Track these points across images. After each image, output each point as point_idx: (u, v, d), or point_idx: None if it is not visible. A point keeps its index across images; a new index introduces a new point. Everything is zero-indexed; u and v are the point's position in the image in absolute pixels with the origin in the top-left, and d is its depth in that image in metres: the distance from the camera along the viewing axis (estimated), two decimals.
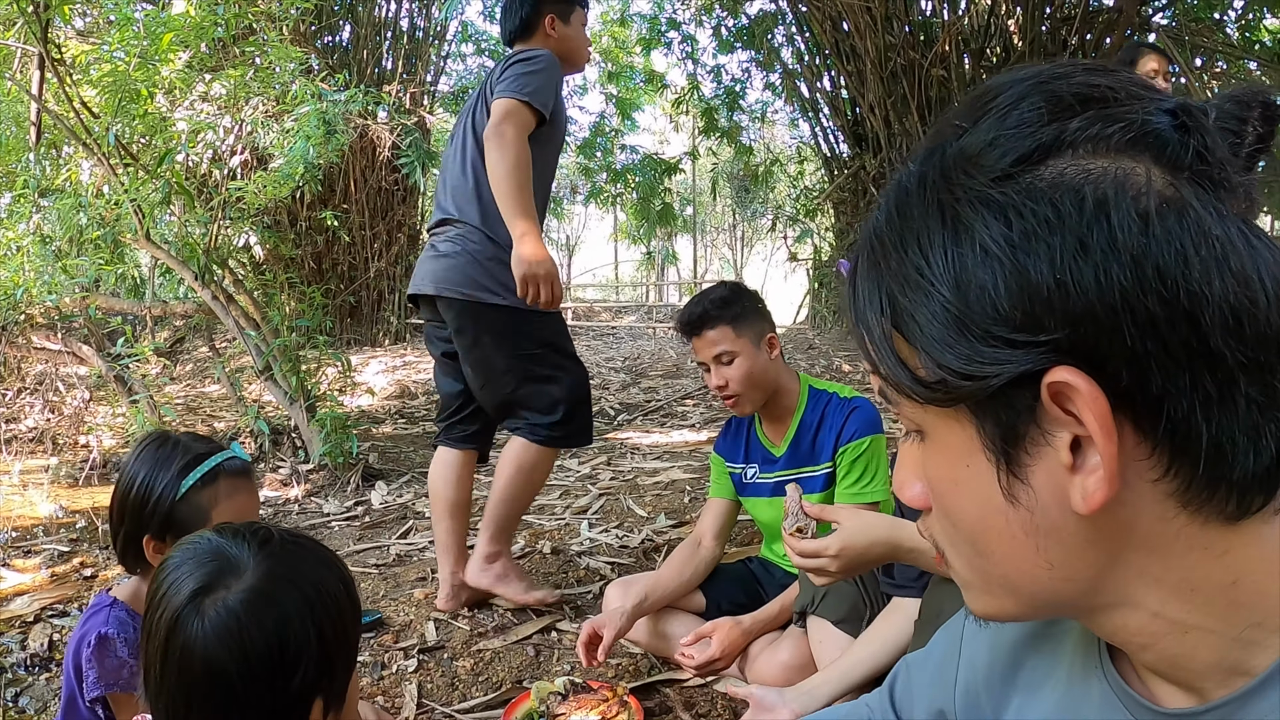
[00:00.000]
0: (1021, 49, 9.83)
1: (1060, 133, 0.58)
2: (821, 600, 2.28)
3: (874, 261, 0.64)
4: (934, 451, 0.67)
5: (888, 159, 11.08)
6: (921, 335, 0.60)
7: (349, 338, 15.63)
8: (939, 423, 0.65)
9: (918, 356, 0.62)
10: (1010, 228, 0.56)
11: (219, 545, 1.20)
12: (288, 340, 6.45)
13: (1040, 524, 0.61)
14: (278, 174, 6.75)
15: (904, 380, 0.63)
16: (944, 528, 0.70)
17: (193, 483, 1.72)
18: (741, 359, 2.61)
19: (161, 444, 1.79)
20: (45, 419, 7.90)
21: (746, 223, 33.57)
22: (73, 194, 6.05)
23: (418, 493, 5.70)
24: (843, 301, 1.88)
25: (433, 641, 3.11)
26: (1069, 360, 0.55)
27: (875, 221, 0.66)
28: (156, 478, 1.72)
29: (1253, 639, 0.60)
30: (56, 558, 4.57)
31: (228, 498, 1.76)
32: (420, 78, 15.56)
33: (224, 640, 1.11)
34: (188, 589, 1.14)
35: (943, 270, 0.59)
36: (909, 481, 0.72)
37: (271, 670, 1.12)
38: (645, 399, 9.61)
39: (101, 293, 7.34)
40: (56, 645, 3.31)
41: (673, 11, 17.55)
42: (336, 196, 14.77)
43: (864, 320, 0.66)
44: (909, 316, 0.61)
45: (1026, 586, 0.65)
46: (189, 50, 6.39)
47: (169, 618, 1.13)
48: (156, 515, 1.71)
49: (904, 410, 0.67)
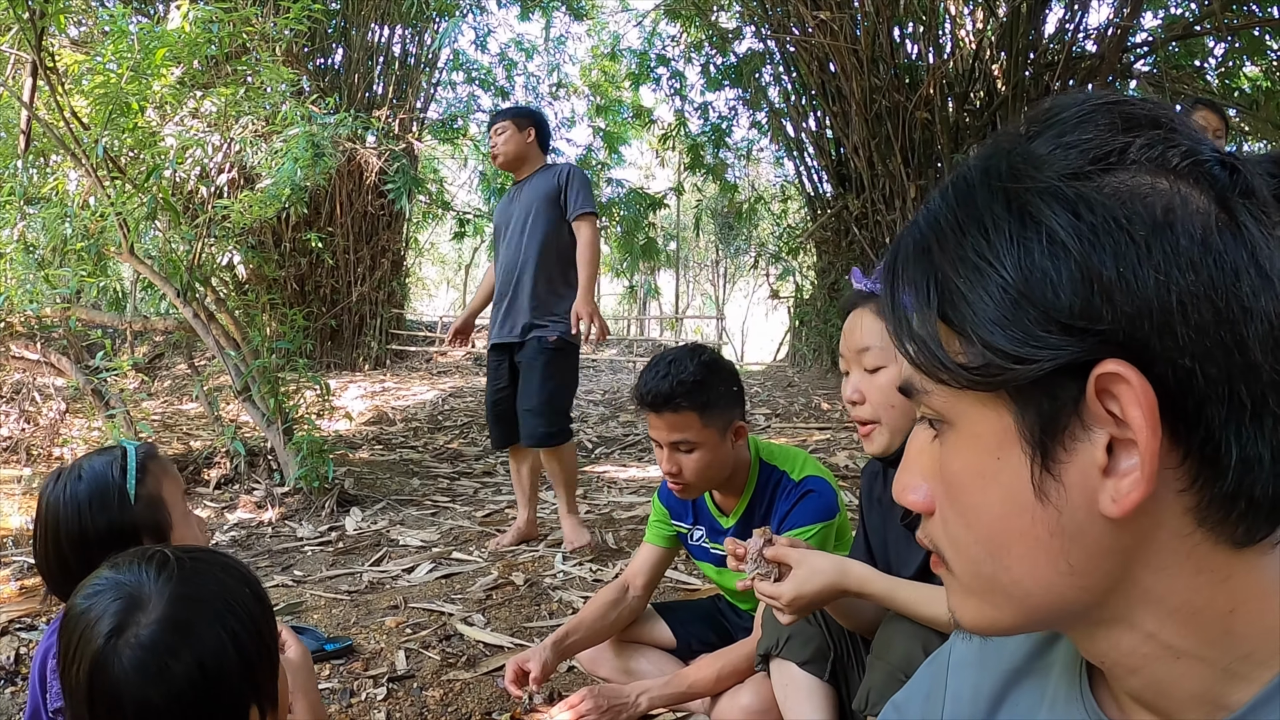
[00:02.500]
0: (1005, 93, 9.98)
1: (1127, 146, 0.59)
2: (786, 643, 2.24)
3: (923, 249, 0.64)
4: (960, 443, 0.65)
5: (870, 199, 11.19)
6: (973, 316, 0.60)
7: (329, 361, 15.58)
8: (972, 411, 0.63)
9: (961, 341, 0.61)
10: (1080, 220, 0.57)
11: (119, 581, 1.18)
12: (267, 361, 6.43)
13: (1066, 525, 0.60)
14: (264, 194, 6.75)
15: (944, 363, 0.62)
16: (955, 528, 0.67)
17: (134, 481, 1.69)
18: (702, 451, 2.38)
19: (69, 473, 1.72)
20: (20, 429, 7.82)
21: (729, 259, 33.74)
22: (59, 204, 6.03)
23: (392, 520, 5.67)
24: (848, 303, 1.89)
25: (403, 670, 3.08)
26: (1120, 355, 0.56)
27: (928, 213, 0.66)
28: (105, 504, 1.67)
29: (1238, 671, 0.61)
30: (26, 570, 4.52)
31: (164, 474, 1.75)
32: (410, 104, 15.63)
33: (147, 677, 1.10)
34: (101, 632, 1.13)
35: (1005, 252, 0.59)
36: (914, 484, 0.71)
37: (199, 693, 1.12)
38: (624, 433, 9.60)
39: (83, 304, 7.30)
40: (23, 659, 3.27)
41: (662, 48, 17.72)
42: (322, 219, 14.78)
43: (903, 307, 0.65)
44: (960, 298, 0.61)
45: (1037, 593, 0.64)
46: (181, 66, 6.40)
47: (88, 666, 1.13)
48: (126, 530, 1.66)
49: (932, 399, 0.66)
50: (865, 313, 1.78)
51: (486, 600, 3.86)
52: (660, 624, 2.95)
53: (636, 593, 2.82)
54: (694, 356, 2.40)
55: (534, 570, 4.30)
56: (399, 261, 17.43)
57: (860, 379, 1.77)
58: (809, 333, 14.19)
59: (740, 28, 14.51)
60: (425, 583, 4.21)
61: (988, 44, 10.32)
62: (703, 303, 40.02)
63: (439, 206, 18.55)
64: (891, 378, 1.70)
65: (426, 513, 5.91)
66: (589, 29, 22.06)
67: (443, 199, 19.64)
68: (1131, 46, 10.01)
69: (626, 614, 2.81)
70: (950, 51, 10.79)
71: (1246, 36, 9.72)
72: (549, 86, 21.18)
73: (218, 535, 5.34)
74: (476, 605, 3.79)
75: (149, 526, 1.69)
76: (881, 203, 11.09)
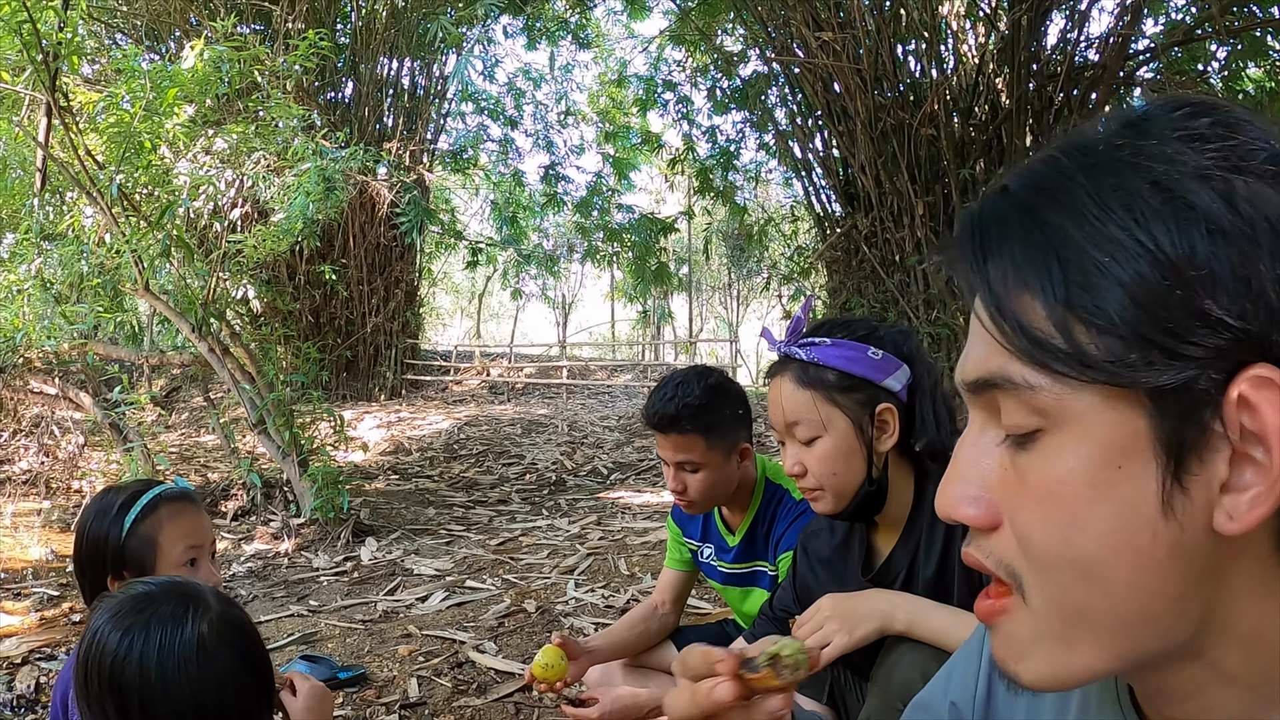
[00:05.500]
0: (1009, 107, 10.00)
1: (1245, 152, 0.55)
2: None
3: (1038, 222, 0.56)
4: (1069, 447, 0.56)
5: (879, 218, 11.20)
6: (1117, 301, 0.53)
7: (345, 392, 15.68)
8: (1092, 411, 0.55)
9: (1088, 330, 0.54)
10: (1237, 213, 0.53)
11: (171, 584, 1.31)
12: (281, 395, 6.49)
13: (1186, 545, 0.54)
14: (277, 228, 6.84)
15: (1068, 354, 0.54)
16: (1044, 545, 0.58)
17: (134, 517, 1.76)
18: (707, 471, 2.38)
19: (104, 494, 1.84)
20: (39, 462, 7.92)
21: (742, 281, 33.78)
22: (75, 240, 6.13)
23: (406, 549, 5.70)
24: (768, 372, 1.79)
25: (414, 698, 3.11)
26: (1265, 360, 0.52)
27: (1035, 183, 0.58)
28: (102, 523, 1.77)
29: (1275, 698, 0.58)
30: (46, 601, 4.58)
31: (171, 521, 1.79)
32: (420, 135, 15.78)
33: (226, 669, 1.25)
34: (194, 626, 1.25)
35: (1161, 234, 0.53)
36: (970, 494, 0.62)
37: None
38: (639, 458, 9.63)
39: (100, 339, 7.40)
40: (44, 688, 3.32)
41: (668, 73, 17.85)
42: (335, 251, 14.90)
43: (1009, 293, 0.57)
44: (1100, 279, 0.53)
45: (1134, 625, 0.57)
46: (194, 104, 6.51)
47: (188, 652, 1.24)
48: (110, 555, 1.75)
49: (1036, 397, 0.57)
50: (785, 380, 1.69)
51: (498, 628, 3.88)
52: (669, 648, 2.97)
53: (665, 610, 2.84)
54: (701, 380, 2.39)
55: (546, 597, 4.31)
56: (413, 292, 17.55)
57: (798, 451, 1.69)
58: None
59: (745, 50, 14.61)
60: (438, 611, 4.23)
61: (990, 58, 10.36)
62: (716, 325, 40.04)
63: (451, 236, 18.68)
64: (828, 448, 1.64)
65: (441, 542, 5.94)
66: (595, 56, 22.27)
67: (455, 229, 19.79)
68: (1134, 54, 10.02)
69: (657, 628, 2.82)
70: (953, 67, 10.83)
71: (1248, 38, 9.70)
72: (557, 115, 21.36)
73: (234, 566, 5.38)
74: (488, 633, 3.81)
75: (134, 561, 1.75)
76: (890, 221, 11.09)
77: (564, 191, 20.56)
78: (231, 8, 11.26)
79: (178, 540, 1.77)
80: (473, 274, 25.06)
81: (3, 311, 6.32)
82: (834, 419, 1.63)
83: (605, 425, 12.53)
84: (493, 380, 19.20)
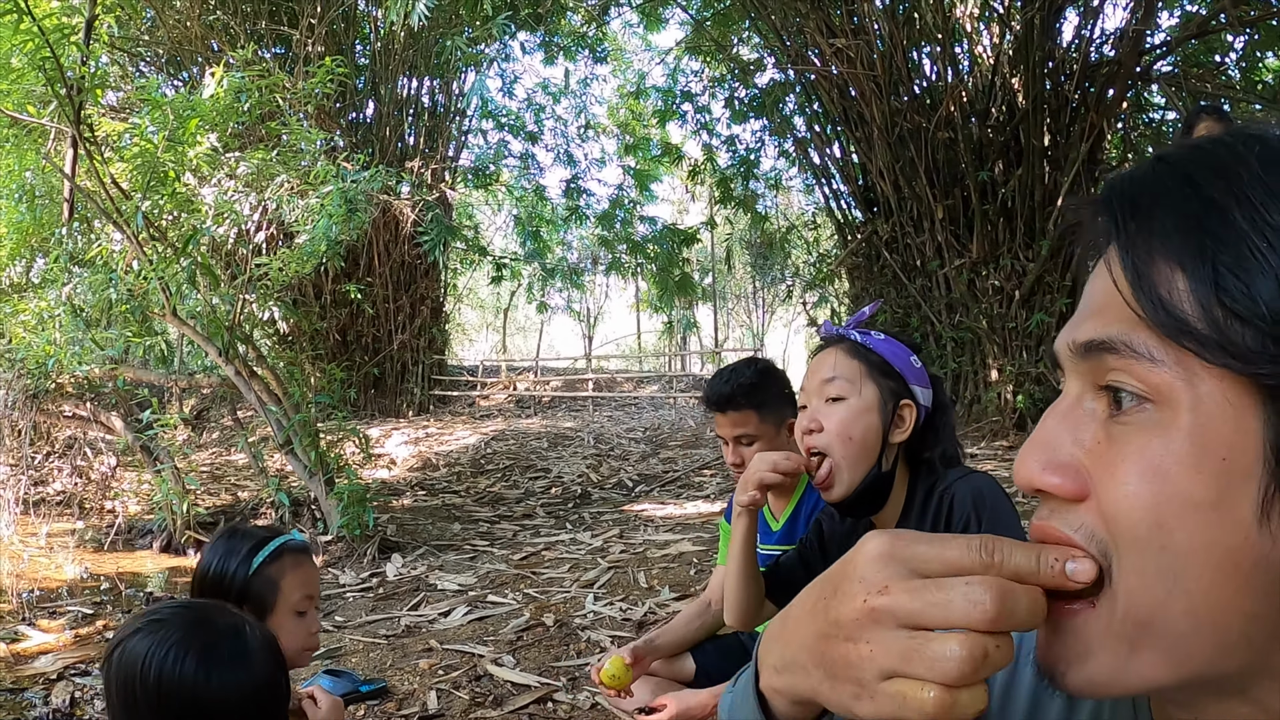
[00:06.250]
0: (1026, 107, 9.98)
1: None
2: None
3: (1189, 199, 0.54)
4: (1173, 429, 0.53)
5: (899, 223, 11.20)
6: (1268, 293, 0.50)
7: (372, 409, 15.83)
8: (1207, 401, 0.52)
9: (1228, 316, 0.51)
10: None
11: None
12: (307, 416, 6.60)
13: (1275, 561, 0.51)
14: (301, 250, 6.96)
15: (1204, 336, 0.51)
16: (1136, 528, 0.54)
17: (261, 560, 1.91)
18: (761, 444, 2.66)
19: (231, 536, 2.00)
20: (73, 483, 8.09)
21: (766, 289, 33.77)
22: (104, 267, 6.27)
23: (431, 565, 5.78)
24: (822, 340, 1.93)
25: (433, 710, 3.17)
26: None
27: (1199, 161, 0.55)
28: (230, 559, 1.92)
29: None
30: (80, 619, 4.70)
31: (294, 570, 1.95)
32: (441, 153, 15.92)
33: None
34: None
35: None
36: (1054, 464, 0.57)
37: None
38: (664, 469, 9.67)
39: (130, 363, 7.55)
40: (78, 703, 3.43)
41: (686, 84, 17.93)
42: (361, 270, 15.06)
43: (1154, 261, 0.54)
44: (1251, 268, 0.51)
45: (1205, 635, 0.53)
46: (215, 133, 6.65)
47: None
48: (234, 591, 1.89)
49: (1156, 372, 0.53)
50: (834, 350, 1.82)
51: (517, 641, 3.94)
52: (687, 659, 3.03)
53: (717, 607, 2.93)
54: (751, 365, 2.72)
55: (564, 611, 4.37)
56: (438, 308, 17.70)
57: (819, 408, 1.79)
58: None
59: (761, 59, 14.67)
60: (459, 625, 4.30)
61: (1005, 59, 10.34)
62: (742, 334, 40.03)
63: (475, 252, 18.84)
64: (853, 409, 1.73)
65: (465, 557, 6.01)
66: (613, 69, 22.38)
67: (479, 244, 19.94)
68: (1150, 49, 9.96)
69: (711, 623, 2.92)
70: (968, 69, 10.82)
71: (1265, 28, 9.65)
72: (577, 129, 21.49)
73: None
74: (507, 646, 3.87)
75: (255, 599, 1.89)
76: (910, 225, 11.09)
77: (586, 205, 20.70)
78: (251, 34, 11.46)
79: (297, 587, 1.92)
80: (498, 289, 25.23)
81: (35, 337, 6.47)
82: (866, 387, 1.75)
83: (631, 437, 12.59)
84: (519, 394, 19.32)
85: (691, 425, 13.53)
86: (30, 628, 4.54)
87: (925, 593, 0.53)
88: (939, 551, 0.54)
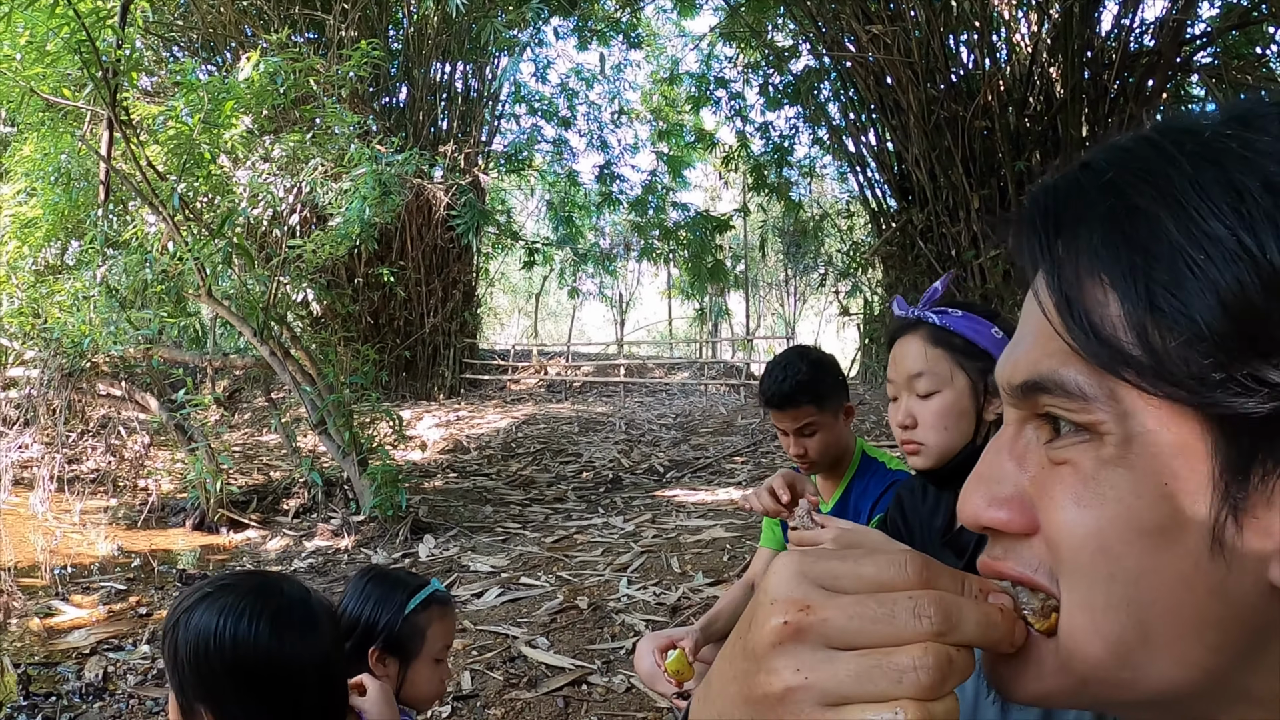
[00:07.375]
0: (1063, 96, 9.83)
1: None
2: None
3: (1116, 210, 0.50)
4: (1123, 459, 0.50)
5: (934, 212, 11.09)
6: (1207, 310, 0.45)
7: (404, 392, 15.90)
8: (1149, 430, 0.48)
9: (1166, 338, 0.47)
10: None
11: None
12: (341, 396, 6.63)
13: (1230, 590, 0.48)
14: (335, 233, 6.98)
15: (1141, 364, 0.47)
16: (1081, 554, 0.51)
17: (412, 608, 2.00)
18: (823, 432, 2.69)
19: (383, 581, 2.07)
20: (106, 462, 8.17)
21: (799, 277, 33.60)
22: (139, 248, 6.31)
23: (463, 546, 5.78)
24: (894, 330, 1.89)
25: (467, 690, 3.17)
26: None
27: (1122, 163, 0.51)
28: (382, 607, 2.00)
29: None
30: (113, 595, 4.74)
31: (439, 620, 2.05)
32: (475, 138, 15.93)
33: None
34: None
35: (1270, 242, 0.45)
36: (1003, 495, 0.54)
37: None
38: (695, 456, 9.65)
39: (164, 343, 7.61)
40: (110, 677, 3.45)
41: (720, 70, 17.83)
42: (393, 253, 15.11)
43: (1081, 283, 0.50)
44: (1188, 283, 0.46)
45: (1165, 669, 0.50)
46: (250, 115, 6.67)
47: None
48: (382, 634, 1.98)
49: (1091, 410, 0.50)
50: (915, 338, 1.79)
51: (551, 624, 3.94)
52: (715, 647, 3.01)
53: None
54: (803, 357, 2.74)
55: (598, 594, 4.36)
56: (470, 292, 17.75)
57: (913, 404, 1.76)
58: (879, 349, 14.08)
59: (796, 45, 14.55)
60: (492, 607, 4.30)
61: (1043, 47, 10.19)
62: (774, 322, 39.87)
63: (508, 237, 18.86)
64: (947, 402, 1.72)
65: (497, 539, 6.02)
66: (647, 55, 22.29)
67: (511, 229, 19.96)
68: (1190, 39, 9.79)
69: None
70: (1006, 58, 10.68)
71: None
72: (611, 114, 21.44)
73: (296, 562, 5.52)
74: (541, 628, 3.86)
75: (402, 643, 1.97)
76: (945, 215, 10.99)
77: (619, 190, 20.65)
78: (285, 18, 11.48)
79: (440, 637, 2.02)
80: (530, 274, 25.27)
81: (71, 318, 6.53)
82: (956, 377, 1.72)
83: (662, 423, 12.57)
84: (550, 379, 19.34)
85: (723, 412, 13.48)
86: (64, 603, 4.60)
87: (860, 606, 0.47)
88: (852, 568, 0.49)
